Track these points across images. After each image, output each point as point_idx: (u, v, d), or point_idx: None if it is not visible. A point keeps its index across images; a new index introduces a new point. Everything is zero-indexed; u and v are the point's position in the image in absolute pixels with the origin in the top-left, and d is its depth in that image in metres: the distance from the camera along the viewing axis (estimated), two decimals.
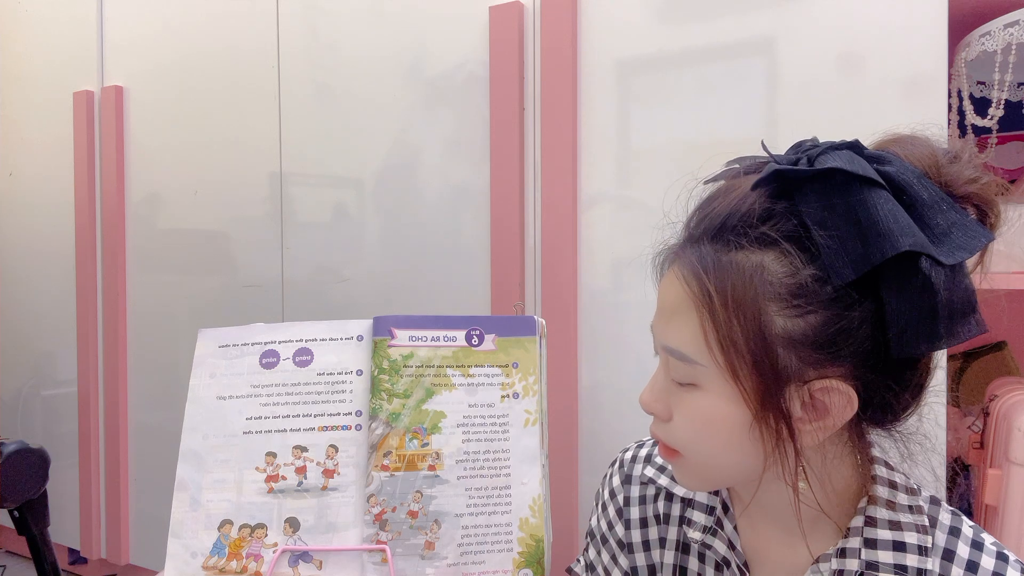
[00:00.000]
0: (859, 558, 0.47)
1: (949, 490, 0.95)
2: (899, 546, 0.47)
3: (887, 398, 0.44)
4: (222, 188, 1.42)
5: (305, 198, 1.32)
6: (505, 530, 0.67)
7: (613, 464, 0.66)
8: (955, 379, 1.04)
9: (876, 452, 0.50)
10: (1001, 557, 0.47)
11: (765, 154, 0.47)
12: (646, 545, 0.60)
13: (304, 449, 0.69)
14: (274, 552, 0.66)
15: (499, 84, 1.08)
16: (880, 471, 0.49)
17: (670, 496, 0.59)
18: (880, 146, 0.46)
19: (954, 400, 1.03)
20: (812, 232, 0.41)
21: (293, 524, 0.67)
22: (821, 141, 0.46)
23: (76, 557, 1.71)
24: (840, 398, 0.43)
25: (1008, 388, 0.85)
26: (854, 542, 0.48)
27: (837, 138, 0.46)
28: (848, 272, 0.40)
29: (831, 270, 0.41)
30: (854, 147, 0.43)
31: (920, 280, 0.40)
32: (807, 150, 0.44)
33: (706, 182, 0.50)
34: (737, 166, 0.49)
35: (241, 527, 0.67)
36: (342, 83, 1.26)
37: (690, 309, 0.45)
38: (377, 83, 1.22)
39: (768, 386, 0.42)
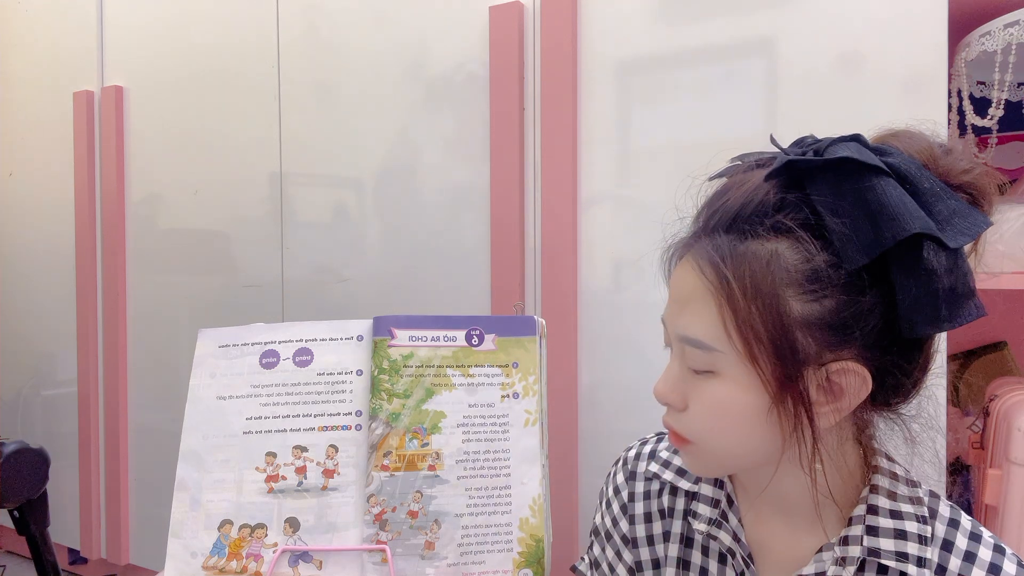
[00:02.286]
0: (861, 544, 0.48)
1: (949, 490, 0.95)
2: (900, 534, 0.47)
3: (897, 378, 0.46)
4: (222, 188, 1.42)
5: (305, 198, 1.32)
6: (505, 530, 0.67)
7: (617, 462, 0.66)
8: (955, 379, 1.04)
9: (876, 444, 0.51)
10: (998, 550, 0.48)
11: (767, 150, 0.49)
12: (650, 539, 0.60)
13: (304, 449, 0.69)
14: (274, 552, 0.66)
15: (499, 84, 1.08)
16: (882, 462, 0.50)
17: (675, 491, 0.60)
18: (879, 140, 0.47)
19: (954, 400, 1.03)
20: (824, 219, 0.43)
21: (293, 524, 0.67)
22: (821, 137, 0.47)
23: (76, 557, 1.71)
24: (855, 379, 0.44)
25: (1008, 388, 0.85)
26: (856, 530, 0.49)
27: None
28: (860, 256, 0.42)
29: (844, 255, 0.43)
30: (858, 139, 0.45)
31: (927, 263, 0.41)
32: (811, 145, 0.46)
33: (711, 178, 0.51)
34: (740, 163, 0.50)
35: (241, 527, 0.67)
36: (342, 83, 1.26)
37: (707, 297, 0.46)
38: (377, 83, 1.22)
39: (787, 369, 0.44)
